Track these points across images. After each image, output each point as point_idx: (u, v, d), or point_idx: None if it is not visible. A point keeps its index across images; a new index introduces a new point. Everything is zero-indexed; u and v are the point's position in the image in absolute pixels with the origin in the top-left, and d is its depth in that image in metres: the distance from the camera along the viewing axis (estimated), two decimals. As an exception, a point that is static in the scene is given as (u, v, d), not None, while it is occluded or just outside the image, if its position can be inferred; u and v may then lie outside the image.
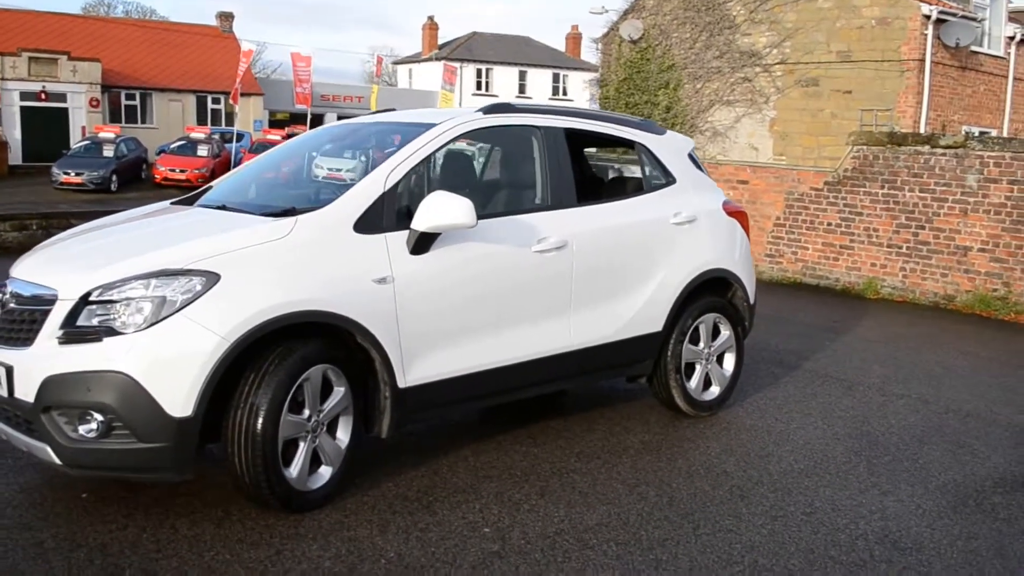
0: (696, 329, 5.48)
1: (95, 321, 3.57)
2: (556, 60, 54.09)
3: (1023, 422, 5.94)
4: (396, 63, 57.29)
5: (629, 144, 5.45)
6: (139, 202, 21.64)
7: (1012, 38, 18.25)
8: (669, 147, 5.59)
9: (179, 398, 3.50)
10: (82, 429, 3.53)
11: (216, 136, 31.42)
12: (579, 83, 52.41)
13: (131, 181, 28.33)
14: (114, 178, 27.00)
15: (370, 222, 4.05)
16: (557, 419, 5.44)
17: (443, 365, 4.27)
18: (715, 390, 5.67)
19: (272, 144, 30.36)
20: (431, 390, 4.25)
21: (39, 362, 3.59)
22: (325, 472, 3.96)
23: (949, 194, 10.83)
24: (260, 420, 3.62)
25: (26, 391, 3.61)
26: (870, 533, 4.05)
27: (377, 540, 3.69)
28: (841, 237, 11.91)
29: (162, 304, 3.54)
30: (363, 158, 4.91)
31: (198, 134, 30.46)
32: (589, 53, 57.48)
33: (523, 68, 52.37)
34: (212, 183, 5.15)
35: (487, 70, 51.43)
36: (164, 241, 3.87)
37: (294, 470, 3.80)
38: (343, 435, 4.04)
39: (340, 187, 4.36)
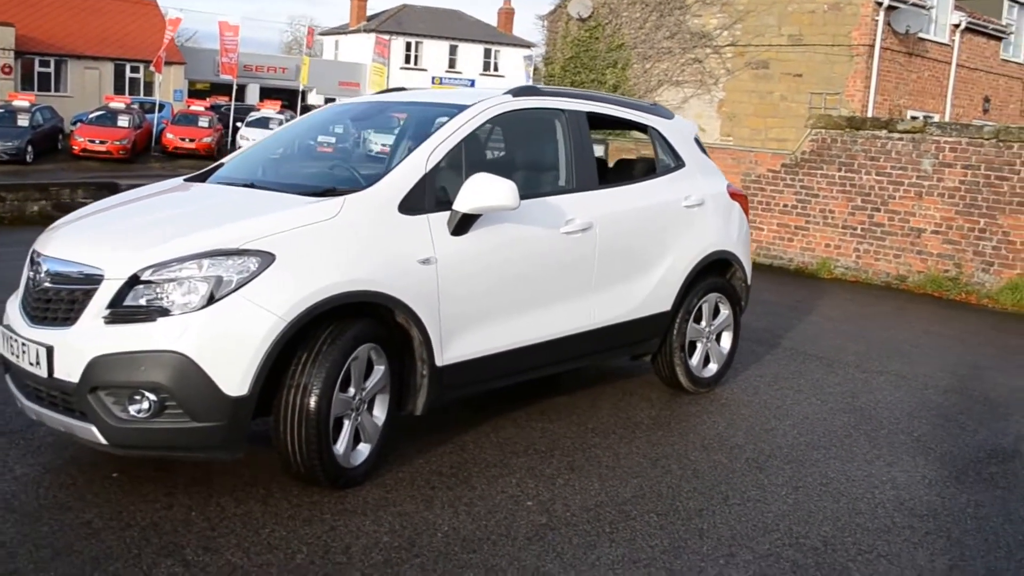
0: (699, 308, 5.63)
1: (144, 301, 3.52)
2: (488, 35, 53.82)
3: (997, 397, 6.25)
4: (322, 34, 56.29)
5: (643, 128, 5.55)
6: (55, 174, 20.87)
7: (957, 26, 18.90)
8: (678, 131, 5.71)
9: (235, 377, 3.48)
10: (132, 409, 3.48)
11: (136, 106, 30.48)
12: (511, 59, 52.40)
13: (47, 152, 27.14)
14: (30, 149, 25.75)
15: (413, 203, 4.07)
16: (562, 396, 5.53)
17: (477, 344, 4.32)
18: (713, 367, 5.84)
19: (196, 115, 29.73)
20: (465, 368, 4.29)
21: (84, 342, 3.52)
22: (364, 449, 3.98)
23: (905, 177, 11.22)
24: (314, 399, 3.62)
25: (68, 371, 3.54)
26: (886, 502, 4.25)
27: (426, 515, 3.74)
28: (797, 218, 12.24)
29: (218, 284, 3.51)
30: (406, 138, 4.89)
31: (118, 104, 29.41)
32: (523, 29, 57.37)
33: (454, 42, 51.92)
34: (223, 159, 5.07)
35: (417, 43, 50.85)
36: (210, 220, 3.81)
37: (340, 447, 3.82)
38: (379, 413, 4.06)
39: (373, 167, 4.36)
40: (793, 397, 5.89)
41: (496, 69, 53.34)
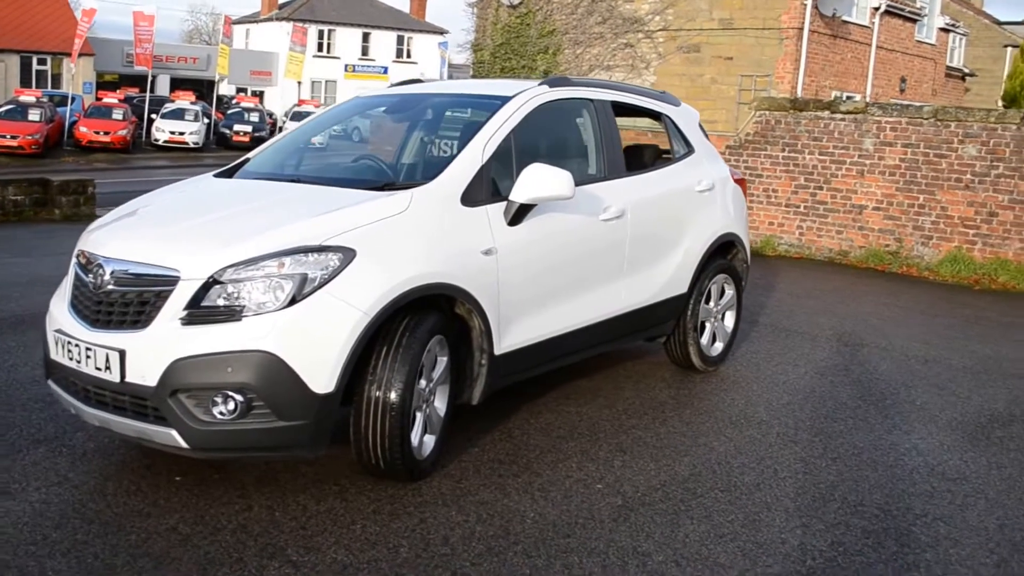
0: (709, 290, 5.79)
1: (224, 301, 3.45)
2: (400, 22, 53.33)
3: (974, 365, 6.62)
4: (232, 23, 54.91)
5: (656, 115, 5.67)
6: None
7: (877, 8, 19.64)
8: (686, 118, 5.85)
9: (323, 374, 3.46)
10: (217, 411, 3.42)
11: (47, 100, 29.24)
12: (425, 45, 52.06)
13: (-46, 147, 25.94)
14: (-64, 144, 24.67)
15: (472, 195, 4.10)
16: (582, 380, 5.62)
17: (529, 332, 4.38)
18: (719, 346, 6.03)
19: (110, 108, 28.68)
20: (519, 356, 4.35)
21: (162, 345, 3.43)
22: (429, 440, 4.00)
23: (847, 156, 11.67)
24: (397, 392, 3.61)
25: (144, 375, 3.46)
26: (918, 468, 4.49)
27: (506, 502, 3.78)
28: (743, 198, 12.59)
29: (303, 281, 3.47)
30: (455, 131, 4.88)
31: (28, 97, 28.20)
32: (436, 15, 57.14)
33: (367, 29, 51.30)
34: (249, 154, 4.97)
35: (329, 31, 50.06)
36: (281, 217, 3.75)
37: (415, 440, 3.83)
38: (440, 404, 4.08)
39: (425, 160, 4.37)
40: (793, 372, 6.12)
41: (409, 56, 52.97)
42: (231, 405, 3.42)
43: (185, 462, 3.98)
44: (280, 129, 35.50)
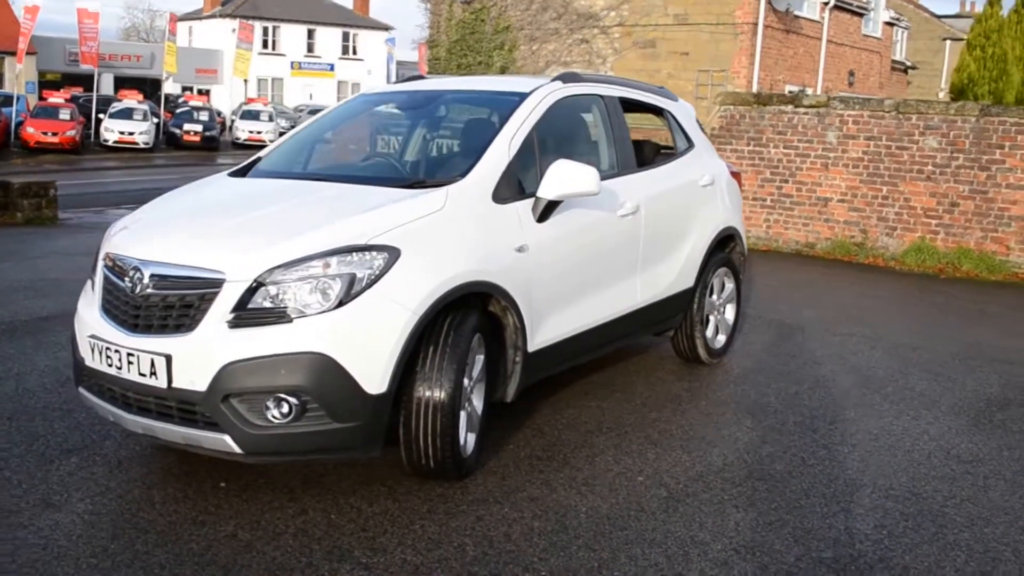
0: (712, 283, 5.90)
1: (272, 302, 3.43)
2: (346, 18, 52.98)
3: (960, 352, 6.86)
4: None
5: (659, 111, 5.74)
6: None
7: (826, 3, 20.07)
8: (685, 113, 5.95)
9: (376, 375, 3.46)
10: (271, 414, 3.39)
11: None
12: (371, 42, 51.78)
13: None
14: None
15: (501, 192, 4.12)
16: (594, 375, 5.68)
17: (557, 328, 4.42)
18: (721, 338, 6.15)
19: (57, 108, 27.92)
20: (549, 353, 4.39)
21: (211, 348, 3.40)
22: (471, 439, 4.01)
23: (811, 150, 11.93)
24: (447, 392, 3.63)
25: (193, 380, 3.42)
26: (935, 451, 4.65)
27: (555, 497, 3.83)
28: (709, 192, 12.80)
29: (351, 281, 3.46)
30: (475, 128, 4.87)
31: None
32: (380, 11, 57.13)
33: (311, 26, 50.93)
34: (260, 153, 4.92)
35: (274, 28, 49.52)
36: (321, 217, 3.72)
37: (461, 438, 3.84)
38: (477, 401, 4.10)
39: (449, 157, 4.36)
40: (793, 362, 6.26)
41: (355, 53, 52.65)
42: (285, 408, 3.39)
43: (226, 467, 3.94)
44: (229, 128, 34.97)
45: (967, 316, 8.33)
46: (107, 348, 3.62)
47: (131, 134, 29.04)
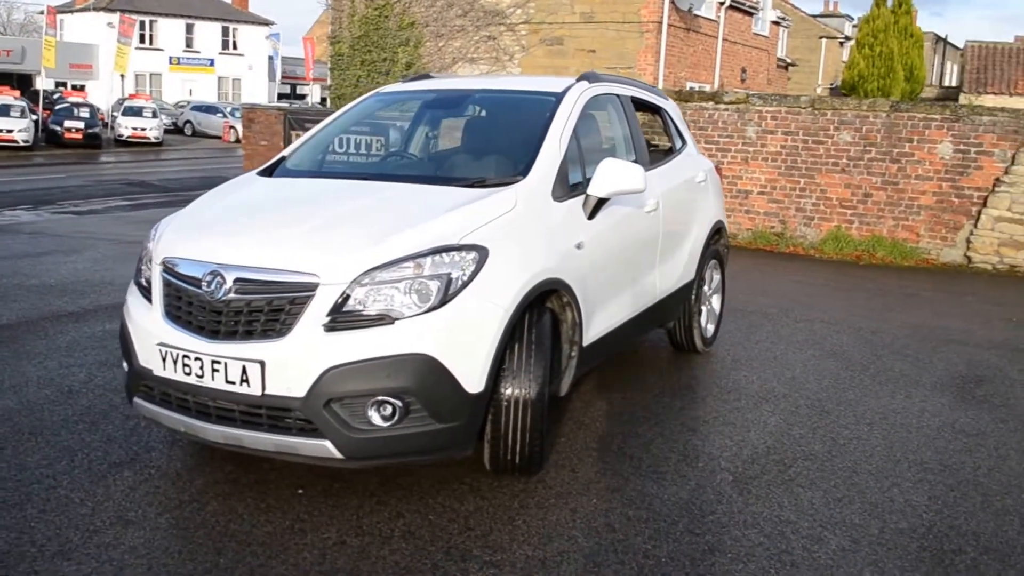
0: (704, 275, 6.12)
1: (368, 304, 3.38)
2: (225, 13, 51.58)
3: (912, 334, 7.35)
4: (41, 13, 51.10)
5: (657, 110, 5.89)
6: None
7: (722, 3, 20.81)
8: (676, 112, 6.13)
9: (475, 374, 3.47)
10: (374, 417, 3.36)
11: None
12: (251, 37, 50.54)
13: None
14: None
15: (556, 190, 4.18)
16: (602, 367, 5.79)
17: (603, 323, 4.52)
18: (711, 328, 6.38)
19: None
20: (597, 347, 4.49)
21: (309, 353, 3.33)
22: (537, 433, 4.06)
23: (731, 144, 12.41)
24: (536, 389, 3.67)
25: (290, 386, 3.34)
26: (942, 427, 4.99)
27: (633, 486, 3.93)
28: (634, 186, 13.13)
29: (449, 281, 3.45)
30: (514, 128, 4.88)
31: None
32: (261, 6, 55.88)
33: (190, 20, 49.23)
34: (284, 151, 4.80)
35: (151, 22, 47.58)
36: (404, 217, 3.67)
37: (541, 433, 3.89)
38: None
39: (492, 156, 4.40)
40: (777, 349, 6.57)
41: (236, 48, 51.27)
42: (388, 411, 3.37)
43: (296, 473, 3.87)
44: (110, 126, 33.43)
45: (902, 300, 8.88)
46: (184, 356, 3.49)
47: (10, 132, 27.26)
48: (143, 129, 32.10)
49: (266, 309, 3.43)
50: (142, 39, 46.46)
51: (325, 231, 3.63)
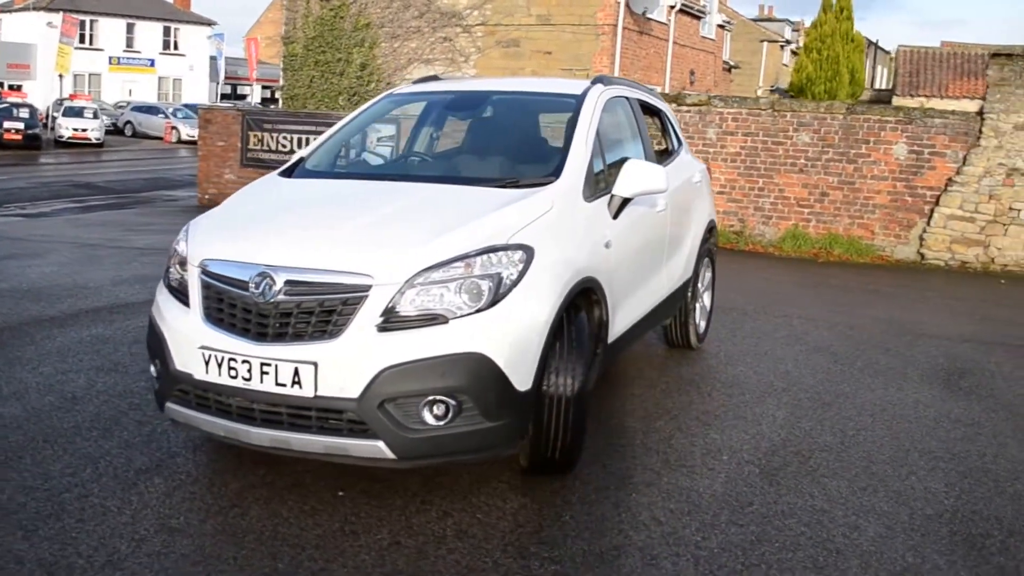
0: (699, 272, 6.24)
1: (421, 304, 3.39)
2: (166, 12, 50.85)
3: (887, 329, 7.60)
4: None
5: (656, 112, 5.98)
6: None
7: (673, 7, 21.09)
8: (672, 114, 6.23)
9: (524, 372, 3.50)
10: (428, 417, 3.36)
11: None
12: (193, 37, 49.85)
13: None
14: None
15: (585, 191, 4.23)
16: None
17: (622, 321, 4.59)
18: (702, 324, 6.50)
19: None
20: (618, 344, 4.56)
21: (363, 354, 3.32)
22: (566, 429, 4.10)
23: (692, 146, 12.59)
24: (578, 386, 3.71)
25: (344, 387, 3.33)
26: (941, 417, 5.18)
27: (668, 479, 4.00)
28: (596, 187, 13.26)
29: (499, 280, 3.48)
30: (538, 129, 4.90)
31: None
32: (204, 6, 55.23)
33: (131, 20, 48.30)
34: (302, 152, 4.77)
35: (92, 21, 46.51)
36: (449, 217, 3.68)
37: (575, 430, 3.93)
38: (569, 393, 4.19)
39: (519, 157, 4.44)
40: (764, 344, 6.72)
41: (177, 48, 50.48)
42: (441, 410, 3.37)
43: (332, 474, 3.84)
44: (50, 127, 32.52)
45: (868, 296, 9.16)
46: (230, 360, 3.45)
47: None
48: (84, 130, 31.32)
49: (317, 310, 3.40)
50: (82, 39, 45.35)
51: (374, 231, 3.62)
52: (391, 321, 3.37)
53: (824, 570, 3.27)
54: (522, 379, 3.50)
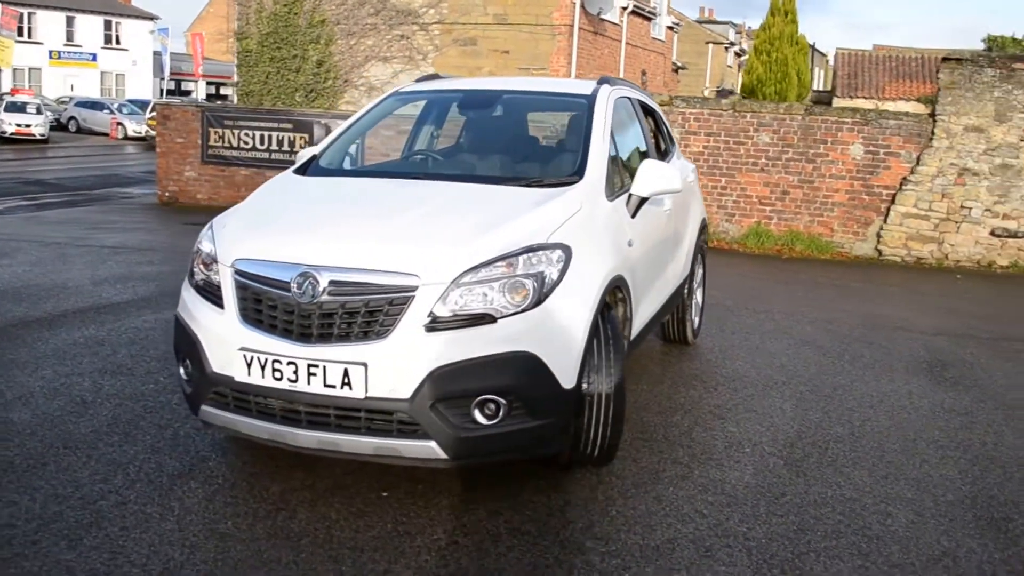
0: (695, 270, 6.36)
1: (467, 303, 3.40)
2: (108, 6, 49.64)
3: (865, 323, 7.82)
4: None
5: (652, 112, 6.07)
6: None
7: (625, 8, 21.30)
8: (664, 116, 6.33)
9: (570, 370, 3.55)
10: (479, 416, 3.39)
11: None
12: (135, 31, 48.80)
13: None
14: None
15: (607, 191, 4.29)
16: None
17: (640, 317, 4.67)
18: (696, 320, 6.63)
19: None
20: (635, 341, 4.64)
21: (413, 354, 3.33)
22: (596, 426, 4.17)
23: (658, 145, 12.78)
24: (616, 382, 3.77)
25: (395, 387, 3.34)
26: (935, 408, 5.38)
27: (700, 473, 4.09)
28: (561, 186, 13.36)
29: (543, 279, 3.51)
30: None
31: None
32: (141, 0, 53.95)
33: (71, 13, 46.96)
34: (313, 150, 4.73)
35: (30, 14, 45.11)
36: (488, 217, 3.70)
37: (611, 426, 3.99)
38: (597, 389, 4.26)
39: (539, 156, 4.48)
40: (753, 339, 6.88)
41: (119, 42, 49.34)
42: (492, 409, 3.40)
43: (372, 476, 3.84)
44: None
45: (838, 292, 9.42)
46: (275, 361, 3.43)
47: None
48: (28, 126, 30.34)
49: (363, 311, 3.40)
50: (20, 32, 43.90)
51: (416, 230, 3.62)
52: (438, 321, 3.38)
53: (869, 556, 3.39)
54: (568, 376, 3.55)
